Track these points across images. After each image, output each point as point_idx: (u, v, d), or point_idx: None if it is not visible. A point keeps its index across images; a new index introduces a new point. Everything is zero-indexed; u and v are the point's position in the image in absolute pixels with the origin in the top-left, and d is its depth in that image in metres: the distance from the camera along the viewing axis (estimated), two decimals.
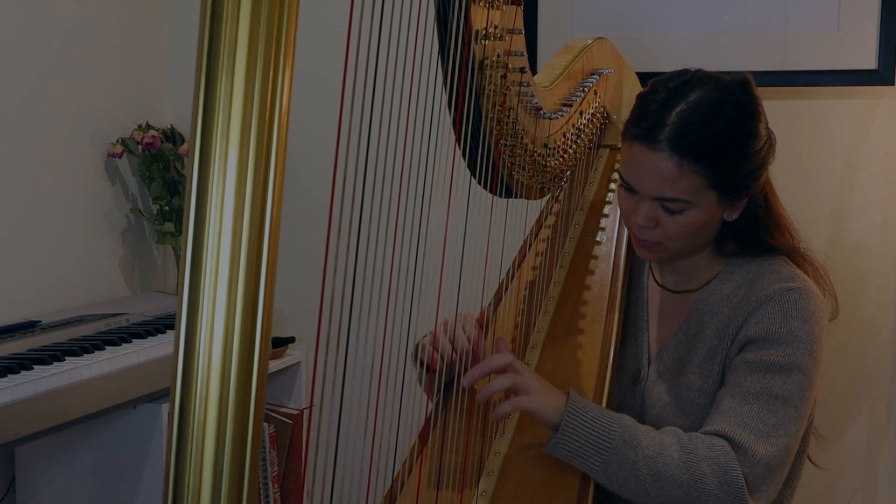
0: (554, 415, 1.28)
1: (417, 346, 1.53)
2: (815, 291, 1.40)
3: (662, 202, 1.36)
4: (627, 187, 1.40)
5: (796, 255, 1.47)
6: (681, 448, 1.27)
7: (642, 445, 1.26)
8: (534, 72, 1.52)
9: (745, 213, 1.43)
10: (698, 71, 1.39)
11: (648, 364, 1.47)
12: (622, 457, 1.26)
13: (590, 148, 1.71)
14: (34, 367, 1.69)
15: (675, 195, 1.34)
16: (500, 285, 1.60)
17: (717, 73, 1.39)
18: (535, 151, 1.49)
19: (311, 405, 2.37)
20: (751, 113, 1.37)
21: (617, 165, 1.75)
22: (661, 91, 1.37)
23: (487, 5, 1.29)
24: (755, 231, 1.45)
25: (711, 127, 1.32)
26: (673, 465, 1.25)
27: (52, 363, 1.71)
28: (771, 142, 1.41)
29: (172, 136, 2.48)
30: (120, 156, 2.39)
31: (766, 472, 1.28)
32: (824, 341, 1.38)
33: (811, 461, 1.55)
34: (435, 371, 1.45)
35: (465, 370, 1.37)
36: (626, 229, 1.61)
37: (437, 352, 1.42)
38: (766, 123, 1.40)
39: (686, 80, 1.37)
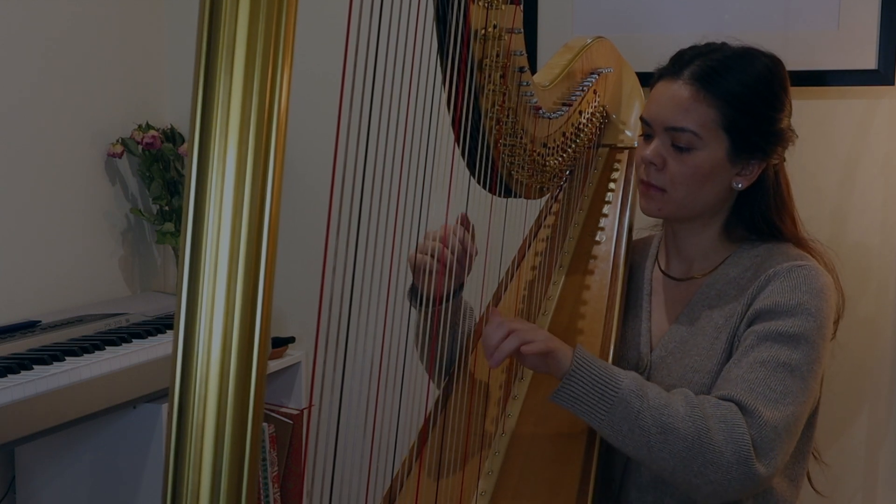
0: (563, 363, 1.27)
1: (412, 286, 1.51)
2: (825, 272, 1.41)
3: (674, 134, 1.39)
4: (646, 132, 1.45)
5: (804, 244, 1.48)
6: (687, 403, 1.26)
7: (648, 396, 1.26)
8: (534, 71, 1.52)
9: (757, 192, 1.45)
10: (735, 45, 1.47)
11: (651, 351, 1.47)
12: (627, 406, 1.25)
13: (589, 147, 1.71)
14: (34, 367, 1.68)
15: (685, 124, 1.38)
16: (500, 285, 1.60)
17: None
18: (535, 151, 1.49)
19: (311, 405, 2.37)
20: (778, 79, 1.44)
21: (616, 165, 1.75)
22: (698, 47, 1.45)
23: (486, 5, 1.29)
24: (766, 211, 1.46)
25: (737, 73, 1.40)
26: (678, 418, 1.24)
27: (52, 363, 1.71)
28: (791, 129, 1.46)
29: (172, 136, 2.48)
30: (120, 156, 2.38)
31: (774, 435, 1.26)
32: (831, 320, 1.39)
33: (811, 484, 1.55)
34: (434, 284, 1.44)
35: (463, 270, 1.43)
36: (625, 228, 1.62)
37: (428, 255, 1.42)
38: (791, 108, 1.45)
39: (724, 44, 1.45)
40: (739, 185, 1.43)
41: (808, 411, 1.36)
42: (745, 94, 1.39)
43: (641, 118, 1.46)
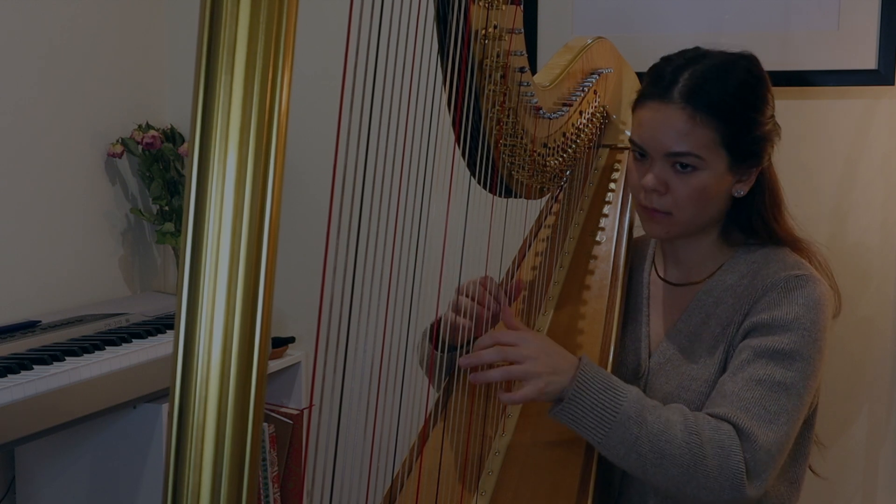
0: (559, 387, 1.27)
1: (430, 326, 1.52)
2: (821, 280, 1.41)
3: (674, 159, 1.38)
4: (639, 153, 1.42)
5: (799, 246, 1.47)
6: (686, 428, 1.26)
7: (647, 422, 1.26)
8: (534, 71, 1.52)
9: (753, 194, 1.45)
10: (707, 49, 1.45)
11: (649, 357, 1.47)
12: (625, 431, 1.25)
13: (589, 147, 1.71)
14: (34, 367, 1.68)
15: (687, 149, 1.36)
16: (500, 285, 1.60)
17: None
18: (535, 151, 1.49)
19: (311, 405, 2.37)
20: (760, 79, 1.42)
21: (617, 165, 1.75)
22: (674, 59, 1.42)
23: (487, 5, 1.29)
24: (762, 210, 1.46)
25: (724, 85, 1.37)
26: (675, 445, 1.25)
27: (52, 363, 1.71)
28: (776, 121, 1.44)
29: (172, 136, 2.48)
30: (120, 156, 2.39)
31: (767, 458, 1.27)
32: (828, 331, 1.39)
33: (812, 470, 1.55)
34: (458, 350, 1.44)
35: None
36: (626, 228, 1.62)
37: (460, 314, 1.41)
38: (773, 98, 1.43)
39: (697, 52, 1.43)
40: (741, 192, 1.43)
41: (800, 425, 1.37)
42: (737, 106, 1.38)
43: (633, 141, 1.43)
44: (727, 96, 1.37)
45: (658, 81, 1.40)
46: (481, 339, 1.31)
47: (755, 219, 1.46)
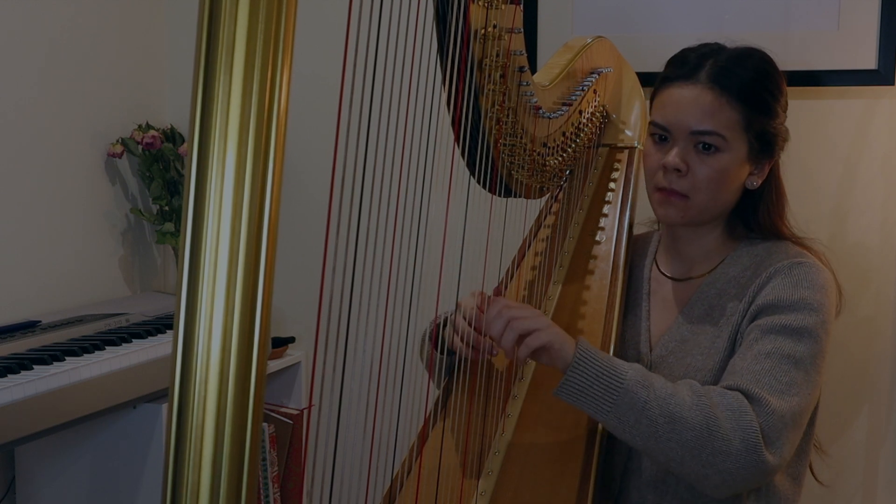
0: (564, 355, 1.26)
1: (433, 327, 1.51)
2: (825, 268, 1.42)
3: (698, 138, 1.40)
4: (660, 136, 1.44)
5: (802, 243, 1.49)
6: (693, 392, 1.26)
7: (654, 387, 1.25)
8: (534, 71, 1.52)
9: (761, 190, 1.47)
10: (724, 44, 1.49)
11: (650, 351, 1.47)
12: (634, 397, 1.23)
13: (589, 147, 1.71)
14: (34, 367, 1.68)
15: (712, 128, 1.39)
16: (500, 285, 1.60)
17: None
18: (535, 150, 1.49)
19: (311, 405, 2.37)
20: (777, 70, 1.47)
21: (616, 165, 1.75)
22: (697, 49, 1.46)
23: (486, 4, 1.29)
24: (768, 208, 1.47)
25: (748, 70, 1.42)
26: (685, 407, 1.23)
27: (52, 363, 1.71)
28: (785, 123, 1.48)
29: (172, 136, 2.48)
30: (120, 156, 2.39)
31: (781, 424, 1.25)
32: (833, 315, 1.39)
33: (814, 475, 1.54)
34: (457, 356, 1.44)
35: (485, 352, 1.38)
36: (625, 228, 1.62)
37: (461, 338, 1.40)
38: (787, 93, 1.48)
39: (717, 44, 1.47)
40: (754, 185, 1.45)
41: (812, 405, 1.36)
42: (760, 92, 1.41)
43: (656, 123, 1.44)
44: (751, 81, 1.41)
45: (683, 65, 1.43)
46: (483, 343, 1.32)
47: (762, 214, 1.47)
